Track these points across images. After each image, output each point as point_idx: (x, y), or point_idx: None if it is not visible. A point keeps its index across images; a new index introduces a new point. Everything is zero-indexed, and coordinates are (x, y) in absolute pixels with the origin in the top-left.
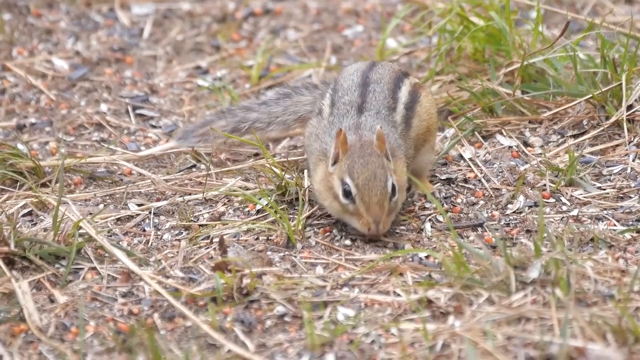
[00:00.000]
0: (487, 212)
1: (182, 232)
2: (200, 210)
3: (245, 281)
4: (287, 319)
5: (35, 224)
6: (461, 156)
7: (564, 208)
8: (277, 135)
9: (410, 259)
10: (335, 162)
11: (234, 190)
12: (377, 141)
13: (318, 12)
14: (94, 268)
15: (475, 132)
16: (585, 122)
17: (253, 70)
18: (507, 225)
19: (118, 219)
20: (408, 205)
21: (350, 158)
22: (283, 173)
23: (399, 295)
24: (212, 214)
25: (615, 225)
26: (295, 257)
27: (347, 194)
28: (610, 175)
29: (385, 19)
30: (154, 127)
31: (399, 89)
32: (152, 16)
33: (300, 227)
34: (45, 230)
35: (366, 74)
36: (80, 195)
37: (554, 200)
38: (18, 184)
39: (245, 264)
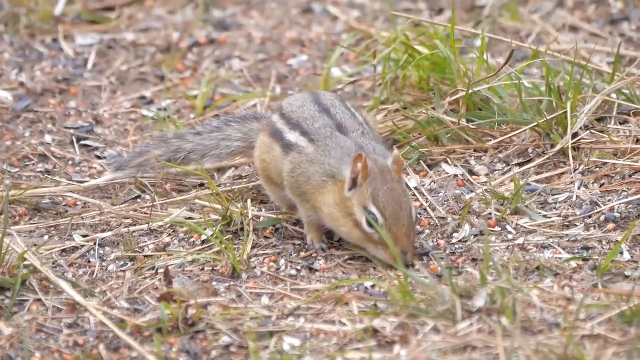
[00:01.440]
0: (432, 241)
1: (127, 263)
2: (145, 241)
3: (191, 311)
4: (232, 349)
5: None
6: (407, 185)
7: (510, 236)
8: (212, 166)
9: (356, 289)
10: (351, 188)
11: (179, 221)
12: (396, 165)
13: (262, 42)
14: (39, 299)
15: (420, 161)
16: (530, 150)
17: (197, 100)
18: (453, 253)
19: (63, 250)
20: None
21: (373, 185)
22: (228, 203)
23: (344, 324)
24: (157, 244)
25: (560, 253)
26: (241, 287)
27: (371, 223)
28: (556, 203)
29: (330, 47)
30: (98, 157)
31: (352, 110)
32: (96, 46)
33: (245, 257)
34: None
35: (318, 101)
36: (25, 226)
37: (499, 228)
38: None
39: (191, 294)
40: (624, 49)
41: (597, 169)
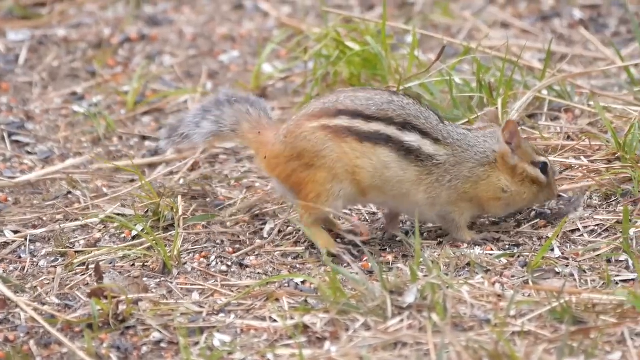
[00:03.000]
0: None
1: (58, 259)
2: (76, 237)
3: (121, 307)
4: (163, 345)
5: None
6: None
7: (440, 232)
8: (142, 162)
9: (287, 285)
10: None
11: (110, 217)
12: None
13: (194, 38)
14: None
15: None
16: None
17: (129, 96)
18: (384, 250)
19: None
20: (288, 232)
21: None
22: (159, 199)
23: (275, 320)
24: (88, 240)
25: (491, 249)
26: (172, 283)
27: (544, 171)
28: None
29: (261, 44)
30: (29, 153)
31: None
32: (27, 42)
33: (176, 253)
34: None
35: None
36: None
37: (431, 225)
38: None
39: (121, 290)
40: (555, 46)
41: None
